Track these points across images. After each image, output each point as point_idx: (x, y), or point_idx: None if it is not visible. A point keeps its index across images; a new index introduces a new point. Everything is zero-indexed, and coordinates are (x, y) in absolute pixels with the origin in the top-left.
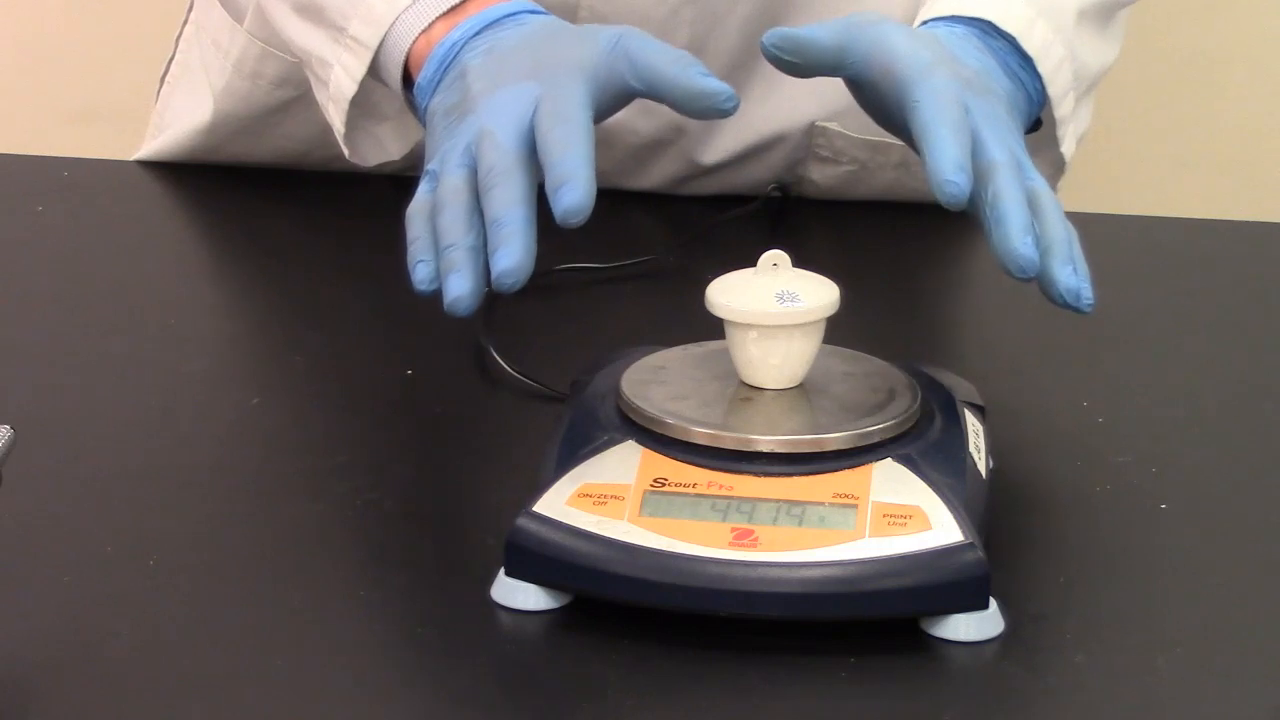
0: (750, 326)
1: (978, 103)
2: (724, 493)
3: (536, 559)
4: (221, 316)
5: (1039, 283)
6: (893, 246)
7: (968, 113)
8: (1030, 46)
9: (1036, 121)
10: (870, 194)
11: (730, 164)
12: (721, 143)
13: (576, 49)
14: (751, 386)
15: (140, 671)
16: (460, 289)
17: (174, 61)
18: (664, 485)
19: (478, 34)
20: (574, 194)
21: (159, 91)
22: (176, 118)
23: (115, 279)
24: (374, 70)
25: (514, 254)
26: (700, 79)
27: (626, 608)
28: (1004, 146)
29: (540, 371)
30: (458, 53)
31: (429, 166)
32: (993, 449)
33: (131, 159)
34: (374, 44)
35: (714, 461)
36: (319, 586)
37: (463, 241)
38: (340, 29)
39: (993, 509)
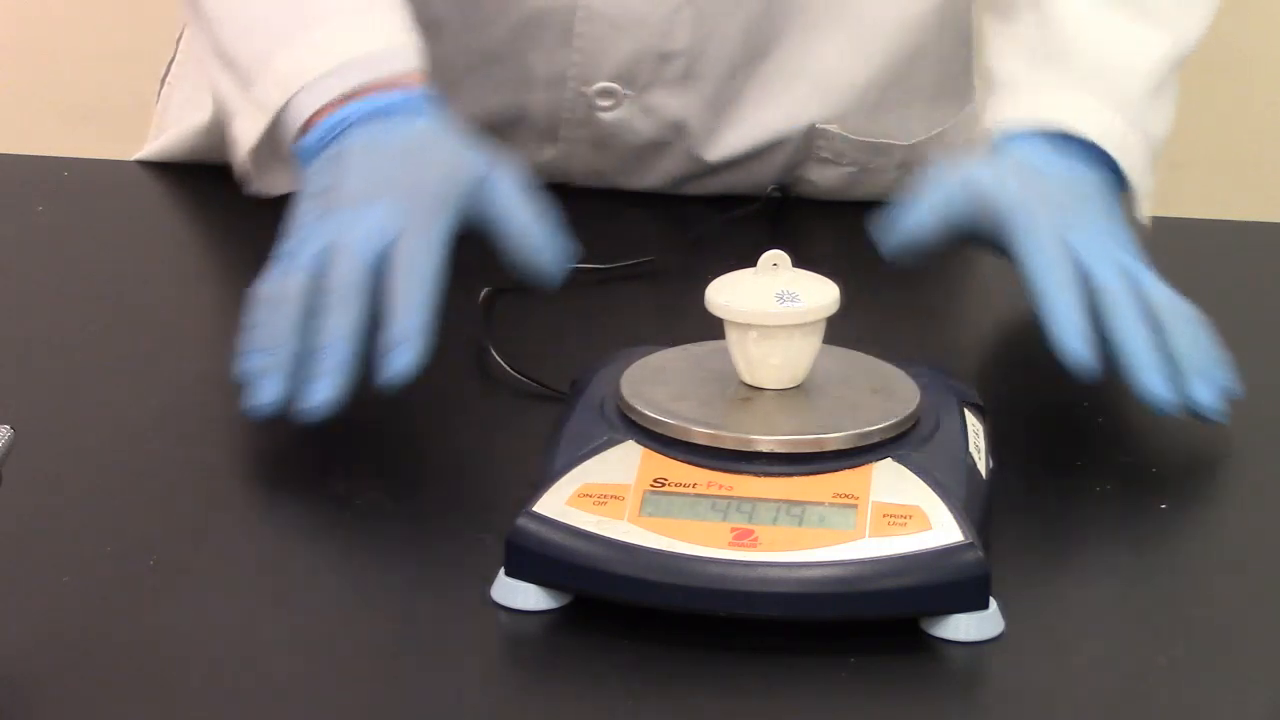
0: (750, 326)
1: (1079, 233)
2: (724, 493)
3: (536, 559)
4: (221, 316)
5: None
6: None
7: (1072, 250)
8: (1110, 147)
9: None
10: (871, 195)
11: (730, 165)
12: (722, 144)
13: (448, 177)
14: (751, 386)
15: (140, 671)
16: (267, 397)
17: (174, 62)
18: (664, 485)
19: (366, 119)
20: (404, 358)
21: (160, 92)
22: (177, 118)
23: (115, 279)
24: (272, 125)
25: (323, 391)
26: (538, 251)
27: (626, 608)
28: (1111, 266)
29: (540, 371)
30: (341, 131)
31: (286, 247)
32: (993, 449)
33: (131, 159)
34: (274, 108)
35: (714, 461)
36: (318, 586)
37: (283, 349)
38: (248, 83)
39: (993, 509)
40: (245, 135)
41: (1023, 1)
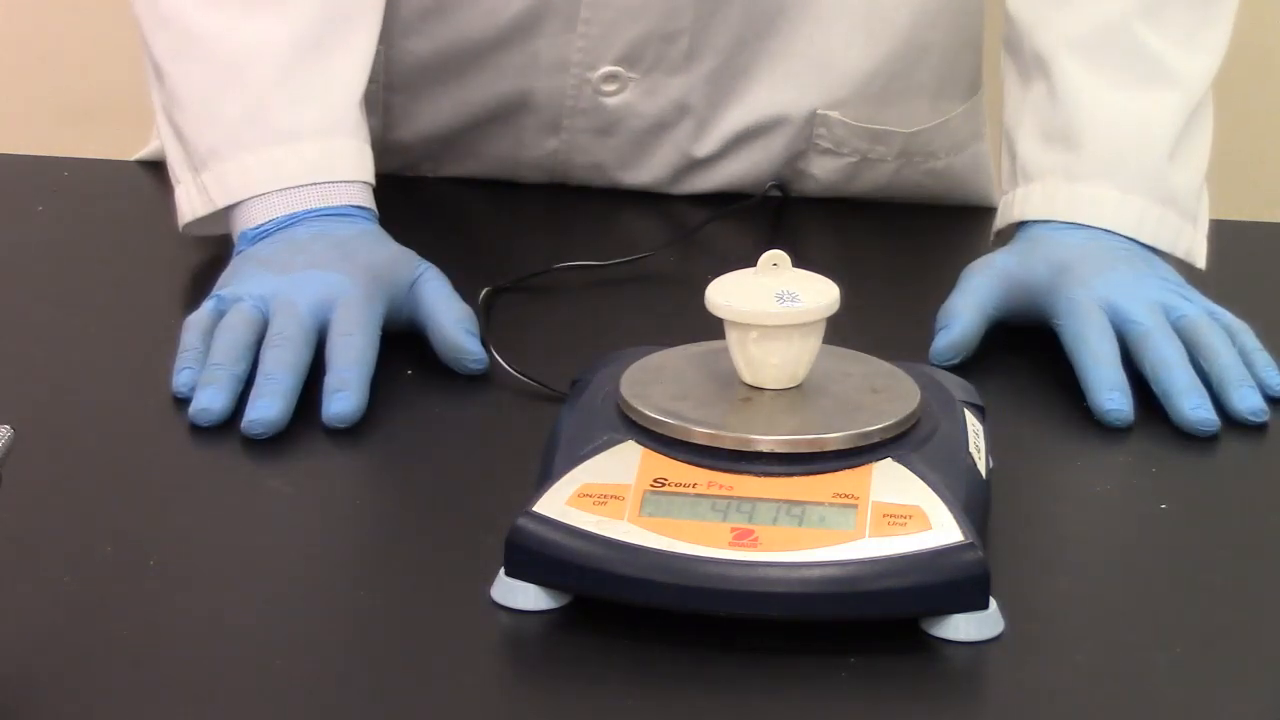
0: (750, 326)
1: (1106, 283)
2: (724, 493)
3: (536, 559)
4: None
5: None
6: (893, 246)
7: (1102, 301)
8: (1131, 232)
9: None
10: (871, 188)
11: (731, 148)
12: (725, 123)
13: (389, 270)
14: (751, 386)
15: (140, 671)
16: (210, 402)
17: None
18: (664, 485)
19: (312, 218)
20: (347, 402)
21: None
22: None
23: (115, 279)
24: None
25: (273, 407)
26: (465, 337)
27: (626, 608)
28: (1141, 304)
29: (540, 371)
30: (289, 225)
31: (223, 292)
32: (993, 449)
33: (132, 159)
34: (221, 206)
35: (714, 461)
36: (319, 586)
37: (229, 367)
38: (198, 168)
39: (992, 509)
40: (184, 208)
41: (1032, 61)
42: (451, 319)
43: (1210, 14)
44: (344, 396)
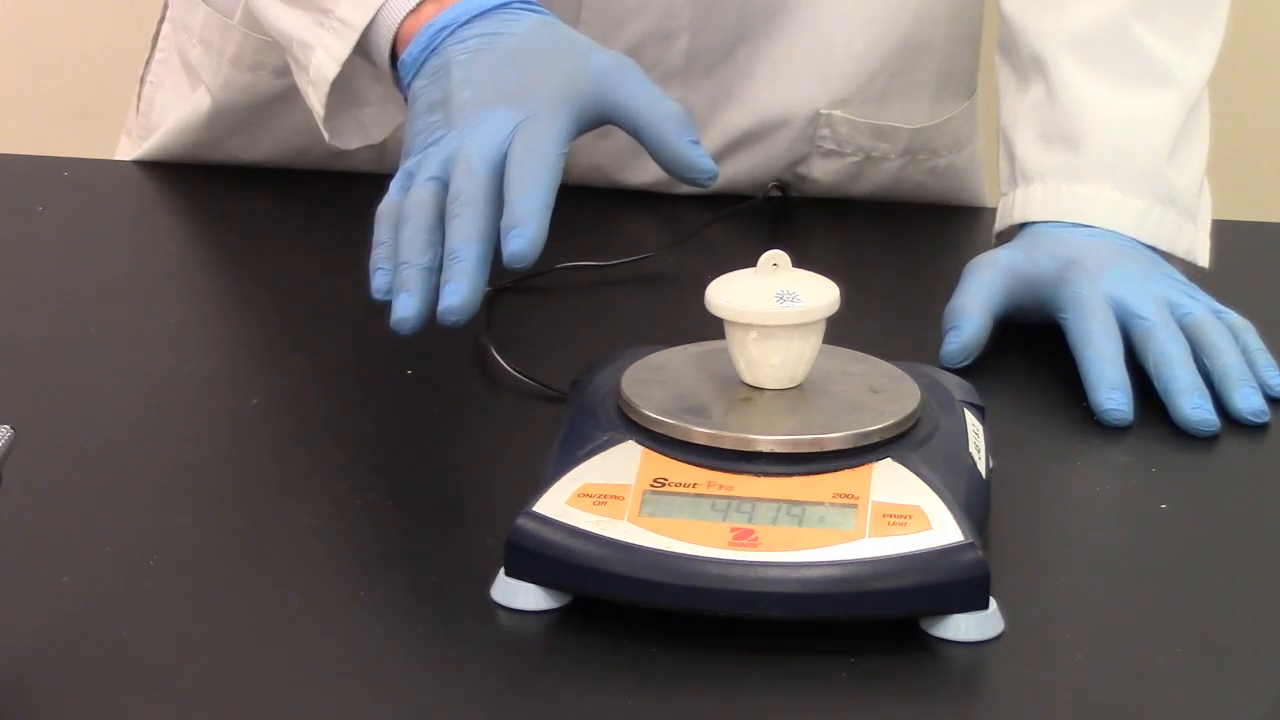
0: (750, 326)
1: (1112, 279)
2: (724, 493)
3: (536, 559)
4: (221, 317)
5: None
6: (893, 246)
7: (1109, 296)
8: (1133, 233)
9: None
10: (874, 188)
11: (732, 150)
12: (726, 123)
13: (565, 77)
14: (751, 386)
15: (140, 671)
16: (406, 310)
17: (154, 60)
18: (664, 485)
19: (466, 23)
20: (521, 240)
21: (140, 92)
22: (164, 115)
23: (115, 279)
24: (361, 49)
25: (460, 292)
26: (690, 149)
27: (626, 608)
28: (1147, 300)
29: (540, 371)
30: (444, 40)
31: (406, 165)
32: (993, 449)
33: (131, 159)
34: (361, 25)
35: (714, 461)
36: (319, 587)
37: (418, 261)
38: (325, 11)
39: (992, 509)
40: (324, 68)
41: (1029, 62)
42: (667, 125)
43: (1204, 13)
44: (519, 234)
